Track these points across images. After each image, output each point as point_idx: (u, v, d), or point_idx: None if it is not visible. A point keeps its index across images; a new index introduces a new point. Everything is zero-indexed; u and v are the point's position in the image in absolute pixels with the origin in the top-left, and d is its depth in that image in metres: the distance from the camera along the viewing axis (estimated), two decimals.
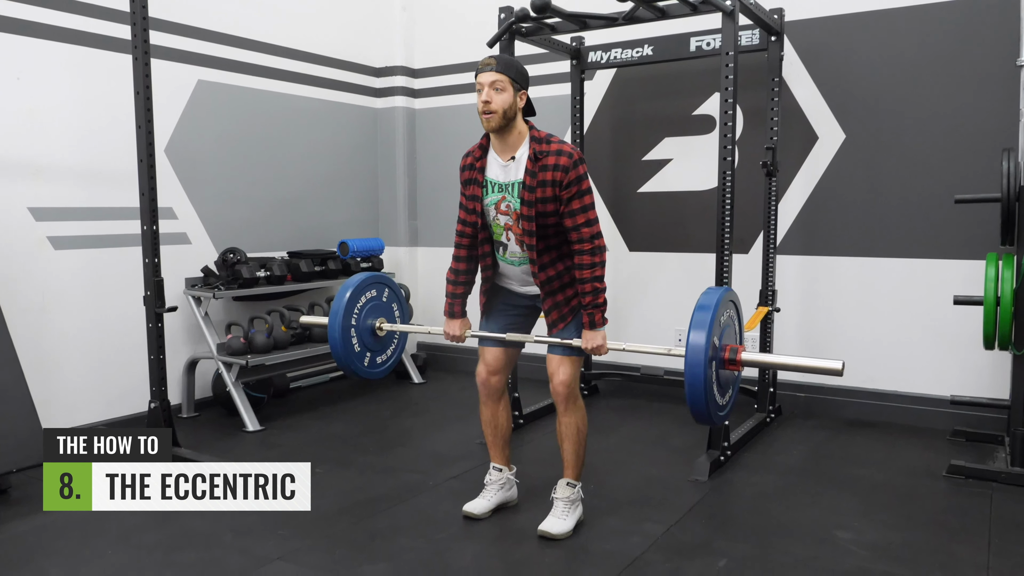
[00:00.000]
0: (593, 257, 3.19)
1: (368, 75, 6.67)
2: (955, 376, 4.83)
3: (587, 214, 3.18)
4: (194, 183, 5.28)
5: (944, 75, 4.75)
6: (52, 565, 3.08)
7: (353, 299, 3.65)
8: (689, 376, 2.82)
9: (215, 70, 5.40)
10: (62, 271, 4.59)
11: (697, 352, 2.81)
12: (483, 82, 3.13)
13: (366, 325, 3.71)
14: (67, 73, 4.58)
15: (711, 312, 2.86)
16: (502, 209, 3.27)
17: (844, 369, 2.86)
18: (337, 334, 3.59)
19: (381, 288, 3.79)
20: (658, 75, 5.62)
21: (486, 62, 3.15)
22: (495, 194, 3.27)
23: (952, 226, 4.75)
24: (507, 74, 3.12)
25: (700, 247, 5.52)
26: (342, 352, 3.62)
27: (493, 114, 3.12)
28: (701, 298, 2.95)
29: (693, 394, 2.83)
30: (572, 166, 3.12)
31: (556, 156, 3.12)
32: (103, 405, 4.81)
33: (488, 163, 3.28)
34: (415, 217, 6.91)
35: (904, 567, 3.03)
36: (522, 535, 3.34)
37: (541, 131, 3.23)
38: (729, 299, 3.05)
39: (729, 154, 4.08)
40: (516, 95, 3.14)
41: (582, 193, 3.16)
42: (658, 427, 4.98)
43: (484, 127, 3.19)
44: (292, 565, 3.07)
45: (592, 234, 3.18)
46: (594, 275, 3.19)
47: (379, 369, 3.82)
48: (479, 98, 3.14)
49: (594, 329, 3.23)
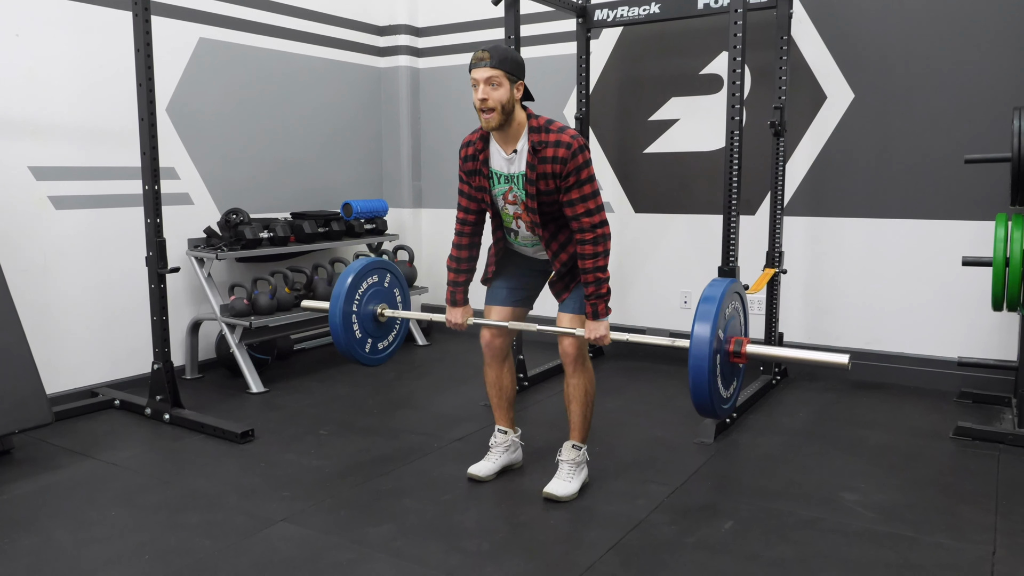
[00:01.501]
0: (595, 247, 3.14)
1: (372, 34, 6.58)
2: (962, 338, 4.80)
3: (586, 204, 3.11)
4: (196, 143, 5.24)
5: (954, 34, 4.67)
6: (56, 526, 3.09)
7: (354, 285, 3.64)
8: (693, 369, 2.81)
9: (217, 28, 5.33)
10: (64, 231, 4.56)
11: (701, 345, 2.80)
12: (478, 78, 3.02)
13: (367, 311, 3.70)
14: (67, 30, 4.52)
15: (716, 304, 2.85)
16: (510, 199, 3.25)
17: (850, 363, 2.85)
18: (338, 320, 3.57)
19: (383, 274, 3.78)
20: (665, 33, 5.54)
21: (479, 56, 3.02)
22: (502, 185, 3.24)
23: (961, 186, 4.70)
24: (503, 68, 3.01)
25: (707, 208, 5.49)
26: (343, 339, 3.60)
27: (492, 112, 3.03)
28: (706, 290, 2.93)
29: (697, 387, 2.82)
30: (570, 157, 3.05)
31: (554, 148, 3.06)
32: (107, 366, 4.81)
33: (491, 155, 3.22)
34: (419, 178, 6.86)
35: (910, 529, 3.02)
36: (527, 497, 3.33)
37: (540, 117, 3.14)
38: (734, 291, 3.03)
39: (737, 114, 4.03)
40: (513, 88, 3.05)
41: (581, 183, 3.09)
42: (663, 389, 4.97)
43: (483, 126, 3.11)
44: (296, 527, 3.07)
45: (592, 223, 3.12)
46: (596, 265, 3.15)
47: (380, 355, 3.82)
48: (475, 95, 3.04)
49: (597, 319, 3.21)
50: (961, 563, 2.76)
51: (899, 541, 2.93)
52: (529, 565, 2.77)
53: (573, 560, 2.81)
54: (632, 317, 5.89)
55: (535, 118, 3.14)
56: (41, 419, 3.83)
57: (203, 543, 2.94)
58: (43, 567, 2.77)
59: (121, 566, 2.78)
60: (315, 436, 4.11)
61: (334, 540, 2.95)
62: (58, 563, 2.80)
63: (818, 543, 2.92)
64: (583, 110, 5.39)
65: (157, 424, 4.30)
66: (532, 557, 2.83)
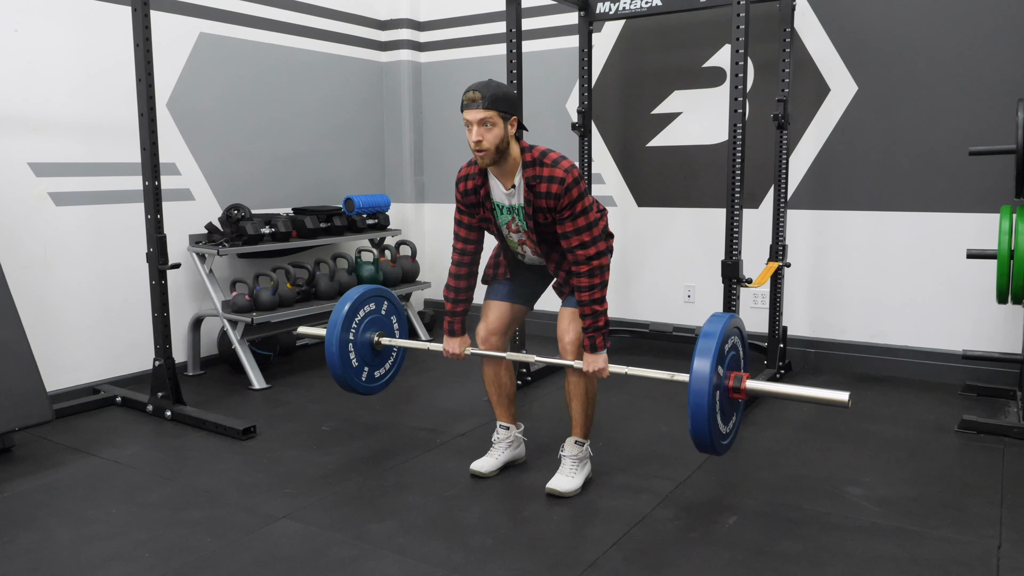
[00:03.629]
0: (591, 279, 3.13)
1: (373, 28, 6.56)
2: (967, 330, 4.78)
3: (580, 236, 3.10)
4: (197, 138, 5.22)
5: (958, 25, 4.64)
6: (57, 523, 3.08)
7: (352, 313, 3.64)
8: (692, 405, 2.80)
9: (217, 22, 5.31)
10: (64, 228, 4.55)
11: (701, 381, 2.79)
12: (471, 120, 3.01)
13: (364, 339, 3.70)
14: (66, 25, 4.50)
15: (716, 340, 2.84)
16: (513, 228, 3.28)
17: (850, 401, 2.82)
18: (335, 348, 3.58)
19: (380, 301, 3.79)
20: (667, 26, 5.51)
21: (471, 98, 3.00)
22: (505, 216, 3.26)
23: (966, 179, 4.68)
24: (496, 108, 2.99)
25: (710, 202, 5.47)
26: (339, 367, 3.61)
27: (486, 152, 3.02)
28: (706, 325, 2.93)
29: (696, 423, 2.81)
30: (563, 192, 3.04)
31: (548, 183, 3.05)
32: (107, 363, 4.81)
33: (491, 188, 3.22)
34: (421, 173, 6.84)
35: (916, 522, 3.00)
36: (530, 493, 3.32)
37: (535, 149, 3.13)
38: (734, 326, 3.02)
39: (740, 107, 4.00)
40: (507, 125, 3.04)
41: (575, 216, 3.08)
42: (667, 384, 4.93)
43: (479, 163, 3.10)
44: (299, 523, 3.05)
45: (587, 256, 3.11)
46: (592, 297, 3.14)
47: (377, 384, 3.83)
48: (469, 135, 3.03)
49: (595, 352, 3.21)
50: (967, 557, 2.74)
51: (904, 535, 2.91)
52: (532, 561, 2.76)
53: (577, 556, 2.80)
54: (636, 311, 5.87)
55: (529, 151, 3.12)
56: (42, 416, 3.81)
57: (205, 540, 2.92)
58: (44, 565, 2.76)
59: (122, 563, 2.77)
60: (317, 432, 4.10)
61: (336, 537, 2.94)
62: (59, 561, 2.79)
63: (823, 537, 2.90)
64: (585, 104, 5.37)
65: (159, 421, 4.29)
66: (535, 553, 2.82)
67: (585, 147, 5.38)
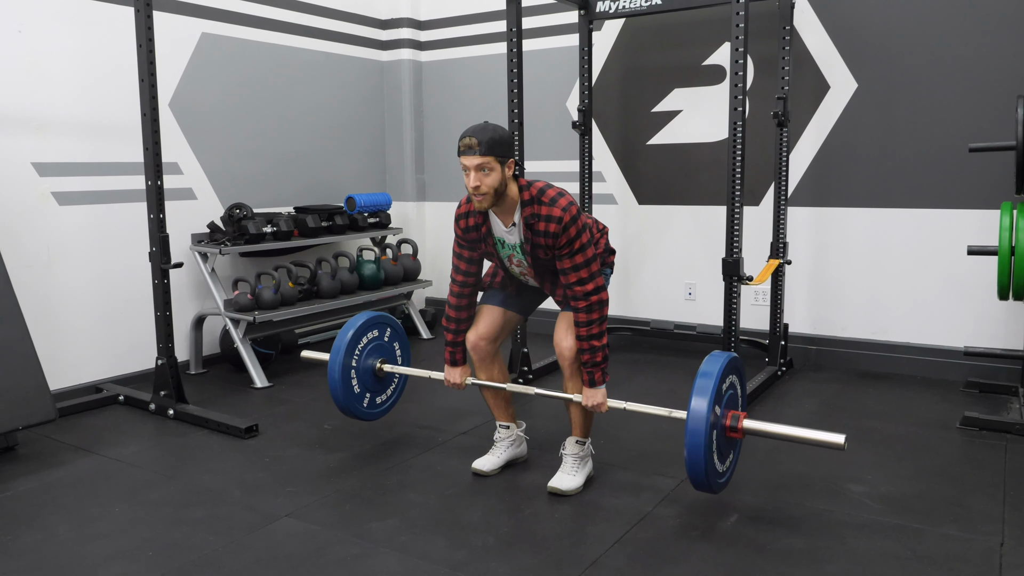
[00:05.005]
0: (589, 314, 3.14)
1: (374, 27, 6.56)
2: (969, 327, 4.78)
3: (578, 272, 3.11)
4: (199, 138, 5.22)
5: (958, 22, 4.63)
6: (60, 522, 3.08)
7: (355, 339, 3.70)
8: (689, 444, 2.81)
9: (219, 23, 5.31)
10: (67, 227, 4.56)
11: (698, 420, 2.80)
12: (468, 165, 3.00)
13: (366, 365, 3.75)
14: (69, 26, 4.51)
15: (714, 379, 2.86)
16: (515, 262, 3.31)
17: (845, 443, 2.86)
18: (337, 374, 3.63)
19: (383, 328, 3.84)
20: (667, 25, 5.51)
21: (468, 144, 2.99)
22: (506, 250, 3.28)
23: (966, 175, 4.67)
24: (493, 154, 2.99)
25: (710, 199, 5.47)
26: (341, 394, 3.66)
27: (484, 196, 3.03)
28: (704, 365, 2.94)
29: (693, 461, 2.83)
30: (561, 231, 3.06)
31: (545, 222, 3.07)
32: (110, 362, 4.81)
33: (492, 226, 3.24)
34: (422, 171, 6.85)
35: (918, 520, 3.01)
36: (532, 491, 3.32)
37: (532, 187, 3.13)
38: (733, 366, 3.03)
39: (740, 104, 4.00)
40: (503, 168, 3.04)
41: (573, 253, 3.09)
42: (668, 381, 4.96)
43: (476, 207, 3.10)
44: (301, 522, 3.06)
45: (585, 292, 3.12)
46: (590, 333, 3.15)
47: (378, 410, 3.88)
48: (467, 180, 3.03)
49: (594, 387, 3.22)
50: (969, 554, 2.74)
51: (907, 532, 2.91)
52: (534, 559, 2.76)
53: (579, 554, 2.80)
54: (637, 309, 5.87)
55: (527, 189, 3.13)
56: (45, 415, 3.82)
57: (207, 539, 2.93)
58: (46, 563, 2.77)
59: (124, 562, 2.77)
60: (319, 431, 4.11)
61: (339, 535, 2.95)
62: (61, 559, 2.80)
63: (825, 535, 2.91)
64: (586, 102, 5.37)
65: (161, 419, 4.30)
66: (537, 551, 2.82)
67: (586, 145, 5.38)
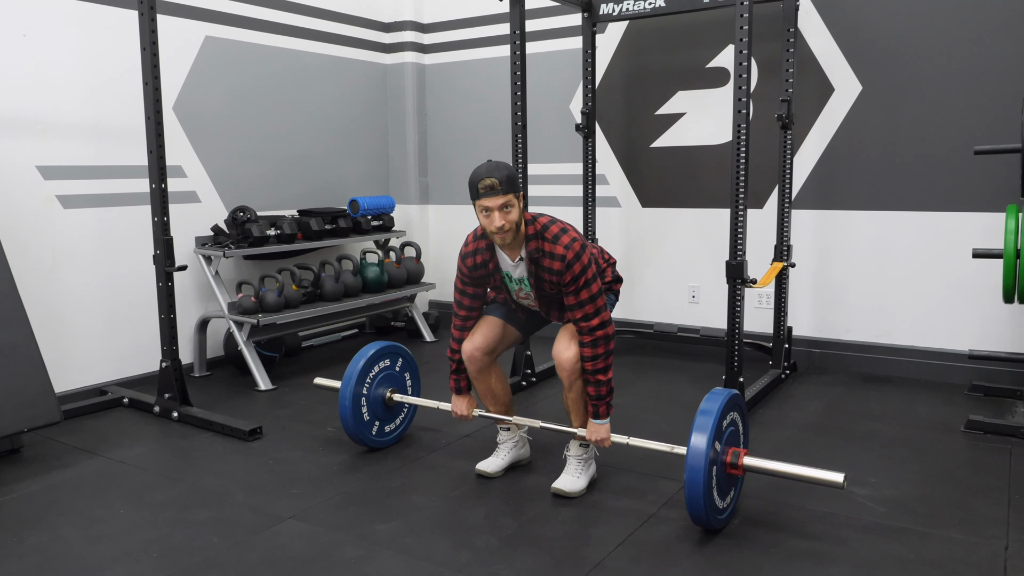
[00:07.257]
0: (594, 349, 3.15)
1: (377, 30, 6.57)
2: (973, 330, 4.77)
3: (584, 308, 3.13)
4: (203, 141, 5.24)
5: (962, 24, 4.63)
6: (65, 523, 3.09)
7: (367, 368, 3.76)
8: (689, 481, 2.81)
9: (223, 26, 5.32)
10: (71, 230, 4.57)
11: (698, 456, 2.80)
12: (491, 206, 3.01)
13: (377, 394, 3.80)
14: (73, 30, 4.52)
15: (714, 417, 2.86)
16: (522, 295, 3.34)
17: (845, 482, 2.84)
18: (348, 402, 3.68)
19: (395, 358, 3.91)
20: (671, 27, 5.51)
21: (489, 185, 3.00)
22: (514, 284, 3.30)
23: (971, 178, 4.67)
24: (512, 191, 3.03)
25: (714, 202, 5.46)
26: (351, 421, 3.71)
27: (508, 233, 3.06)
28: (704, 402, 2.94)
29: (692, 498, 2.82)
30: (565, 269, 3.08)
31: (549, 259, 3.10)
32: (115, 364, 4.82)
33: (499, 261, 3.26)
34: (425, 174, 6.85)
35: (922, 523, 3.00)
36: (536, 493, 3.33)
37: (538, 221, 3.15)
38: (734, 403, 3.03)
39: (744, 107, 4.00)
40: (519, 202, 3.09)
41: (578, 289, 3.11)
42: (671, 384, 4.95)
43: (498, 244, 3.14)
44: (305, 523, 3.06)
45: (590, 327, 3.13)
46: (595, 367, 3.16)
47: (387, 438, 3.91)
48: (490, 223, 3.04)
49: (598, 421, 3.23)
50: (974, 558, 2.74)
51: (911, 536, 2.91)
52: (538, 561, 2.76)
53: (582, 556, 2.80)
54: (640, 312, 5.87)
55: (532, 223, 3.15)
56: (50, 418, 3.83)
57: (211, 540, 2.93)
58: (51, 564, 2.78)
59: (129, 563, 2.78)
60: (323, 433, 4.11)
61: (342, 537, 2.95)
62: (66, 560, 2.80)
63: (829, 538, 2.90)
64: (589, 105, 5.37)
65: (165, 422, 4.30)
66: (541, 553, 2.82)
67: (589, 148, 5.38)
